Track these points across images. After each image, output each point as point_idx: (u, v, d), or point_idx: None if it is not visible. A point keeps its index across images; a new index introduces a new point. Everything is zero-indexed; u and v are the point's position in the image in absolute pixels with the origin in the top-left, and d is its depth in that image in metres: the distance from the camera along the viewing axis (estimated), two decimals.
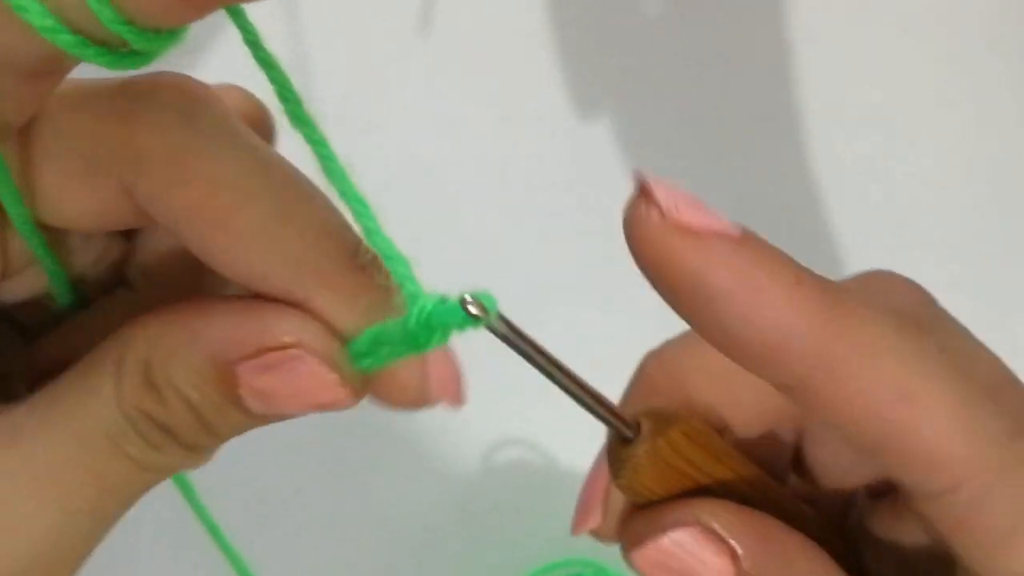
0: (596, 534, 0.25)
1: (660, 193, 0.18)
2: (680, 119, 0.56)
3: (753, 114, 0.56)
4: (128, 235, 0.25)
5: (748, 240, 0.18)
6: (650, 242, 0.18)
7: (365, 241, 0.20)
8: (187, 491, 0.29)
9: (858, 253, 0.54)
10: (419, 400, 0.21)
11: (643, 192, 0.18)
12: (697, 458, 0.21)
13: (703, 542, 0.21)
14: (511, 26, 0.56)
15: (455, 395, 0.21)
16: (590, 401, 0.20)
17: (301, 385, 0.20)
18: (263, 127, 0.24)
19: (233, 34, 0.19)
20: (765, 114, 0.57)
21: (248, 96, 0.23)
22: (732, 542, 0.21)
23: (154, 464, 0.21)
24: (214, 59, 0.50)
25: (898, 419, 0.19)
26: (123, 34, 0.16)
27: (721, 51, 0.57)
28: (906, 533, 0.23)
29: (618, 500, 0.24)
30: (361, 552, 0.49)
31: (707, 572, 0.21)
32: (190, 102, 0.21)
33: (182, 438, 0.21)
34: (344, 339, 0.20)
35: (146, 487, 0.21)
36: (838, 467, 0.25)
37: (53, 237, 0.22)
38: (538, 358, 0.19)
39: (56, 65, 0.18)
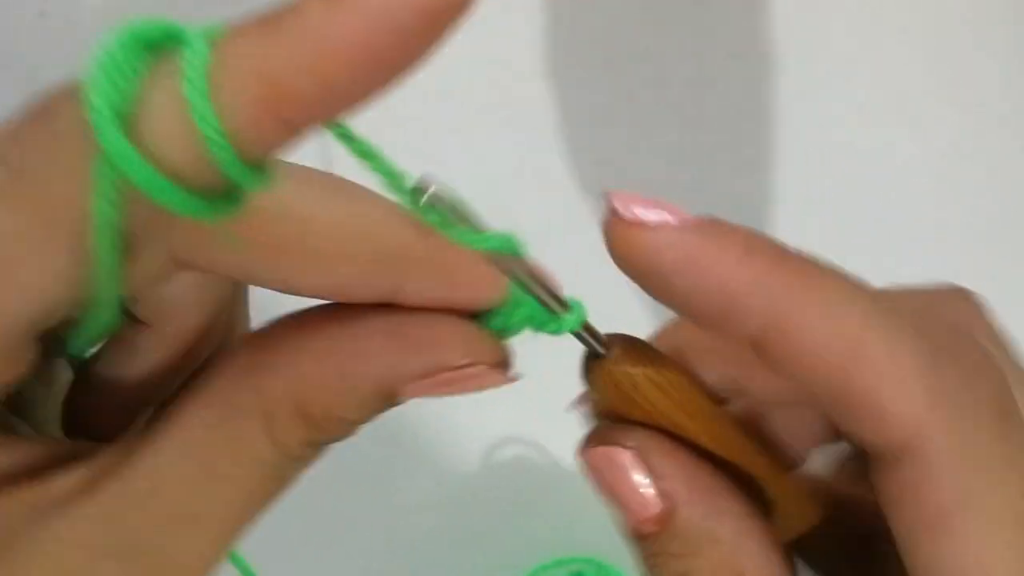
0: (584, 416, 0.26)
1: (615, 200, 0.20)
2: (680, 121, 0.56)
3: (748, 113, 0.57)
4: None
5: (699, 224, 0.20)
6: (612, 240, 0.20)
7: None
8: None
9: (852, 250, 0.54)
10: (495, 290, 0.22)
11: (605, 202, 0.21)
12: (656, 402, 0.22)
13: (637, 468, 0.22)
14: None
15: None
16: (548, 299, 0.21)
17: (471, 386, 0.21)
18: None
19: None
20: (761, 113, 0.57)
21: None
22: (665, 480, 0.22)
23: (308, 462, 0.22)
24: None
25: (848, 371, 0.19)
26: (234, 174, 0.16)
27: (716, 52, 0.57)
28: None
29: None
30: (361, 550, 0.49)
31: (633, 497, 0.22)
32: None
33: (335, 440, 0.22)
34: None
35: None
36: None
37: None
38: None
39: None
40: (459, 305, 0.21)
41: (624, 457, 0.22)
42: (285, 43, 0.16)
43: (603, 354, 0.22)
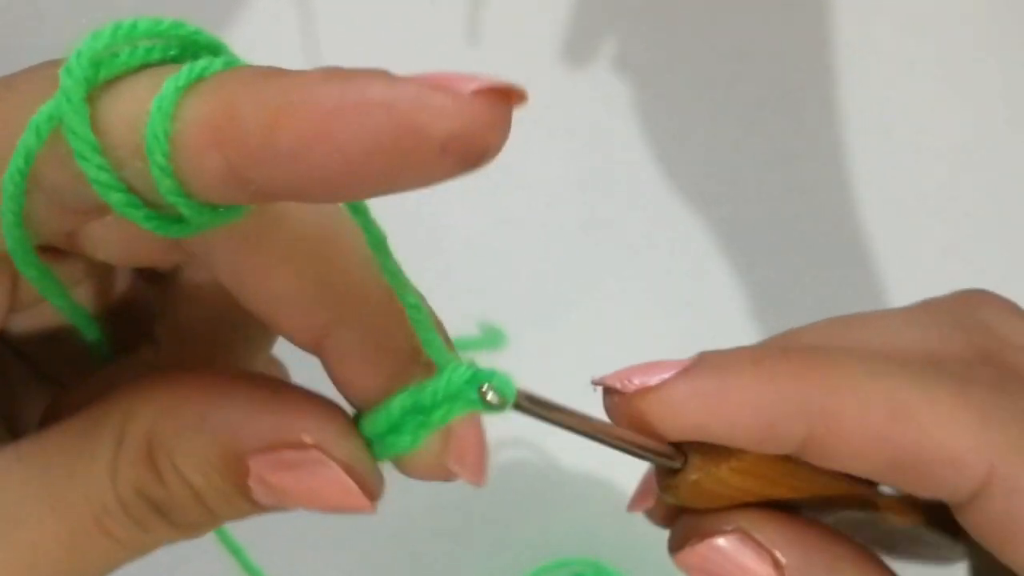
0: (649, 517, 0.26)
1: (612, 381, 0.20)
2: (680, 124, 0.56)
3: (754, 116, 0.57)
4: (160, 287, 0.24)
5: (696, 363, 0.20)
6: (629, 419, 0.20)
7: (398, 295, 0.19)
8: None
9: (856, 253, 0.54)
10: (436, 473, 0.20)
11: (603, 389, 0.21)
12: (748, 486, 0.21)
13: (744, 549, 0.21)
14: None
15: (473, 470, 0.20)
16: (626, 446, 0.21)
17: (318, 488, 0.19)
18: None
19: None
20: (765, 114, 0.57)
21: None
22: (774, 551, 0.21)
23: (138, 545, 0.20)
24: None
25: (897, 435, 0.19)
26: (178, 205, 0.16)
27: (723, 54, 0.57)
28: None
29: None
30: (362, 551, 0.49)
31: None
32: None
33: (178, 520, 0.19)
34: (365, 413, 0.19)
35: (124, 563, 0.20)
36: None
37: (67, 273, 0.22)
38: (568, 421, 0.20)
39: (102, 212, 0.18)
40: (379, 376, 0.20)
41: (730, 542, 0.21)
42: (264, 92, 0.15)
43: (677, 467, 0.21)
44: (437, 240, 0.50)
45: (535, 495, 0.51)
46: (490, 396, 0.18)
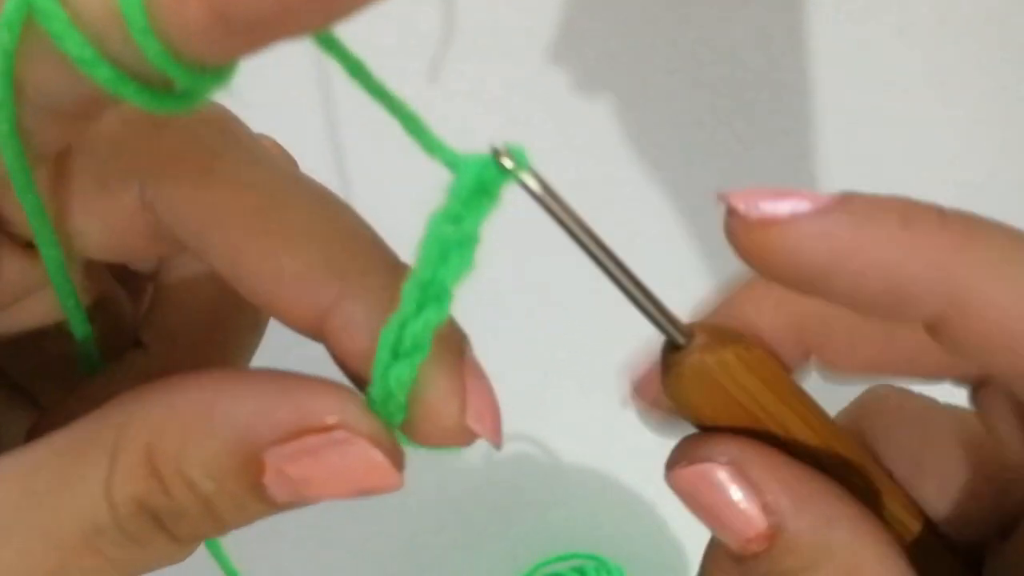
0: (645, 417, 0.23)
1: (736, 201, 0.18)
2: (676, 122, 0.56)
3: (752, 114, 0.57)
4: (140, 293, 0.23)
5: (837, 204, 0.18)
6: (746, 248, 0.18)
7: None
8: None
9: None
10: (457, 435, 0.19)
11: (726, 207, 0.18)
12: (749, 385, 0.20)
13: (734, 484, 0.19)
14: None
15: (492, 428, 0.19)
16: (634, 290, 0.19)
17: (346, 469, 0.18)
18: None
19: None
20: (763, 114, 0.57)
21: (276, 145, 0.22)
22: (767, 493, 0.19)
23: (129, 563, 0.18)
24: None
25: None
26: (168, 70, 0.15)
27: (717, 52, 0.57)
28: None
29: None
30: (364, 548, 0.49)
31: (735, 516, 0.19)
32: (222, 117, 0.19)
33: (180, 532, 0.18)
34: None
35: None
36: (961, 511, 0.22)
37: (44, 276, 0.20)
38: (575, 229, 0.18)
39: (92, 107, 0.17)
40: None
41: (719, 474, 0.19)
42: None
43: (682, 344, 0.20)
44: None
45: (537, 490, 0.51)
46: (505, 160, 0.17)
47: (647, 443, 0.24)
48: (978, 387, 0.21)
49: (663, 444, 0.22)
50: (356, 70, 0.17)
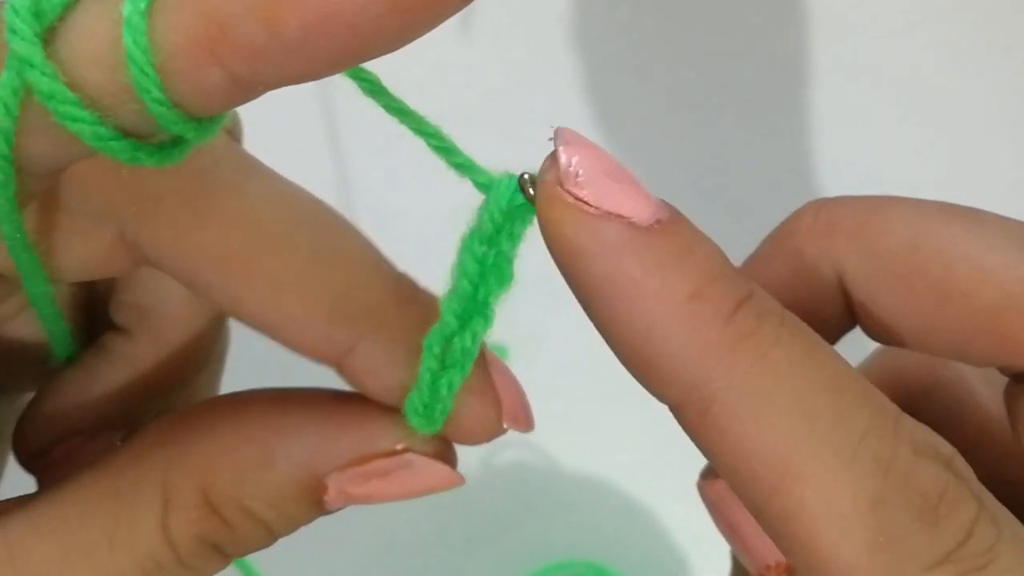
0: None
1: (565, 155, 0.15)
2: (677, 122, 0.56)
3: (751, 113, 0.57)
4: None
5: (656, 233, 0.15)
6: (540, 203, 0.15)
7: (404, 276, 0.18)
8: None
9: None
10: (494, 431, 0.20)
11: (554, 150, 0.15)
12: None
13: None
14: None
15: (525, 420, 0.20)
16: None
17: (413, 484, 0.19)
18: (233, 132, 0.22)
19: None
20: (762, 113, 0.57)
21: None
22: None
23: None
24: None
25: (783, 495, 0.15)
26: (181, 130, 0.14)
27: (720, 49, 0.57)
28: None
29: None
30: (361, 552, 0.49)
31: (758, 541, 0.19)
32: (208, 144, 0.19)
33: (236, 553, 0.19)
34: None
35: None
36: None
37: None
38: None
39: (78, 160, 0.16)
40: (413, 370, 0.18)
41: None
42: None
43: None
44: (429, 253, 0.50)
45: (537, 496, 0.51)
46: (531, 190, 0.16)
47: (648, 450, 0.24)
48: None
49: (664, 452, 0.22)
50: (376, 90, 0.17)
